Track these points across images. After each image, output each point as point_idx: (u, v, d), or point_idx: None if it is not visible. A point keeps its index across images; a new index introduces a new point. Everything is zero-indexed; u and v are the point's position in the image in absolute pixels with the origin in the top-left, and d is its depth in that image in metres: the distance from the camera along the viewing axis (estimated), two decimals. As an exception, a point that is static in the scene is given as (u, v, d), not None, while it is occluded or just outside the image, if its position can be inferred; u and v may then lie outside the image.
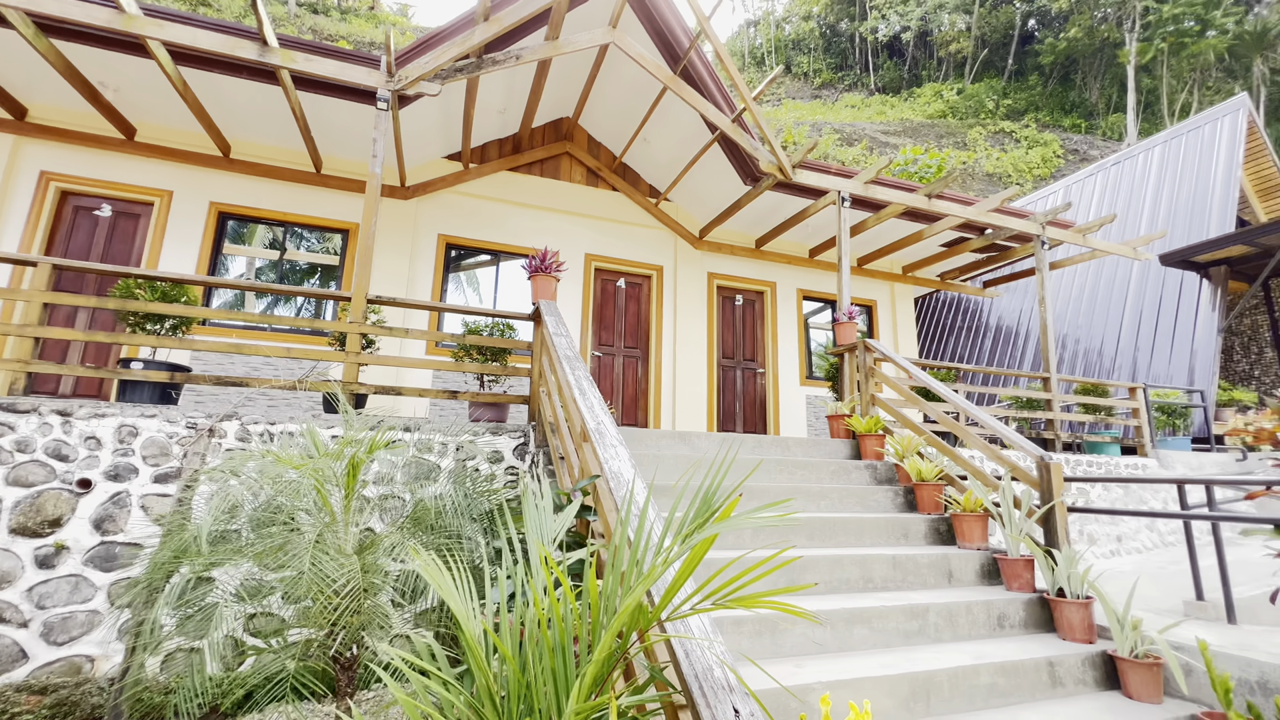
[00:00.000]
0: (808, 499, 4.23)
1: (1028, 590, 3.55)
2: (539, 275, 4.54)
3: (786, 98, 36.25)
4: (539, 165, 7.88)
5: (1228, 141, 10.29)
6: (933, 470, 4.33)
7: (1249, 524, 3.06)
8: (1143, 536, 6.52)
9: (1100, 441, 7.12)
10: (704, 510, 1.41)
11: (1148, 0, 25.49)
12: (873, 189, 6.65)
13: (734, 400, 8.28)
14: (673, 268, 8.20)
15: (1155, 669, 2.87)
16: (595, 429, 2.42)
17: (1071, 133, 28.01)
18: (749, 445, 4.92)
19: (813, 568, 3.34)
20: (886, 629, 3.02)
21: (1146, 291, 9.98)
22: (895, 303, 9.34)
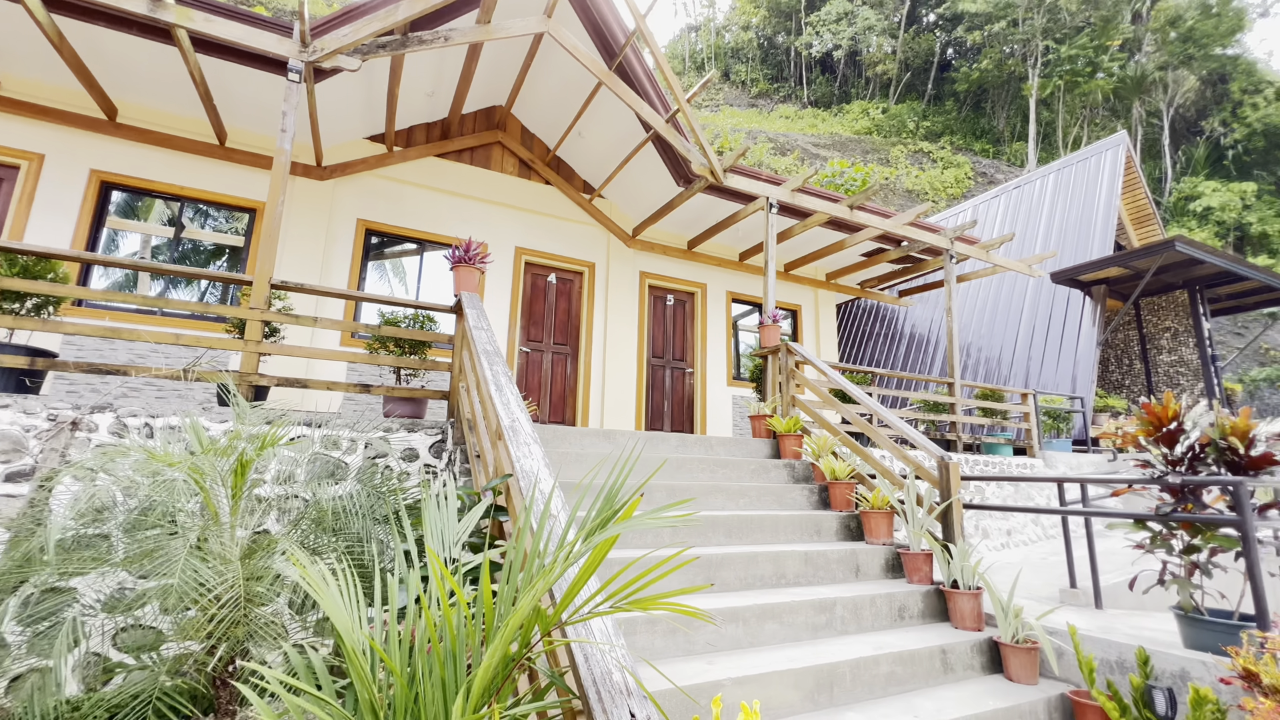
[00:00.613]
0: (727, 497, 4.31)
1: (926, 583, 3.77)
2: (462, 266, 4.37)
3: (725, 104, 37.04)
4: (469, 153, 7.62)
5: (1109, 174, 11.41)
6: (845, 469, 4.52)
7: (1115, 519, 3.38)
8: (1029, 530, 7.10)
9: (996, 443, 7.70)
10: (606, 510, 1.38)
11: (1048, 41, 27.90)
12: (800, 197, 6.88)
13: (662, 399, 8.34)
14: (605, 265, 8.16)
15: (1033, 653, 3.11)
16: (509, 426, 2.34)
17: (981, 156, 30.23)
18: (673, 444, 4.96)
19: (729, 564, 3.40)
20: (796, 623, 3.12)
21: (1039, 306, 10.91)
22: (819, 308, 9.72)
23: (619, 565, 3.03)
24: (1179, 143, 27.01)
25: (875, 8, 34.74)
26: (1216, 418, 2.94)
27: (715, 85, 39.44)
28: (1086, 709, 2.80)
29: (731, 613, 2.93)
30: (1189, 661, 2.73)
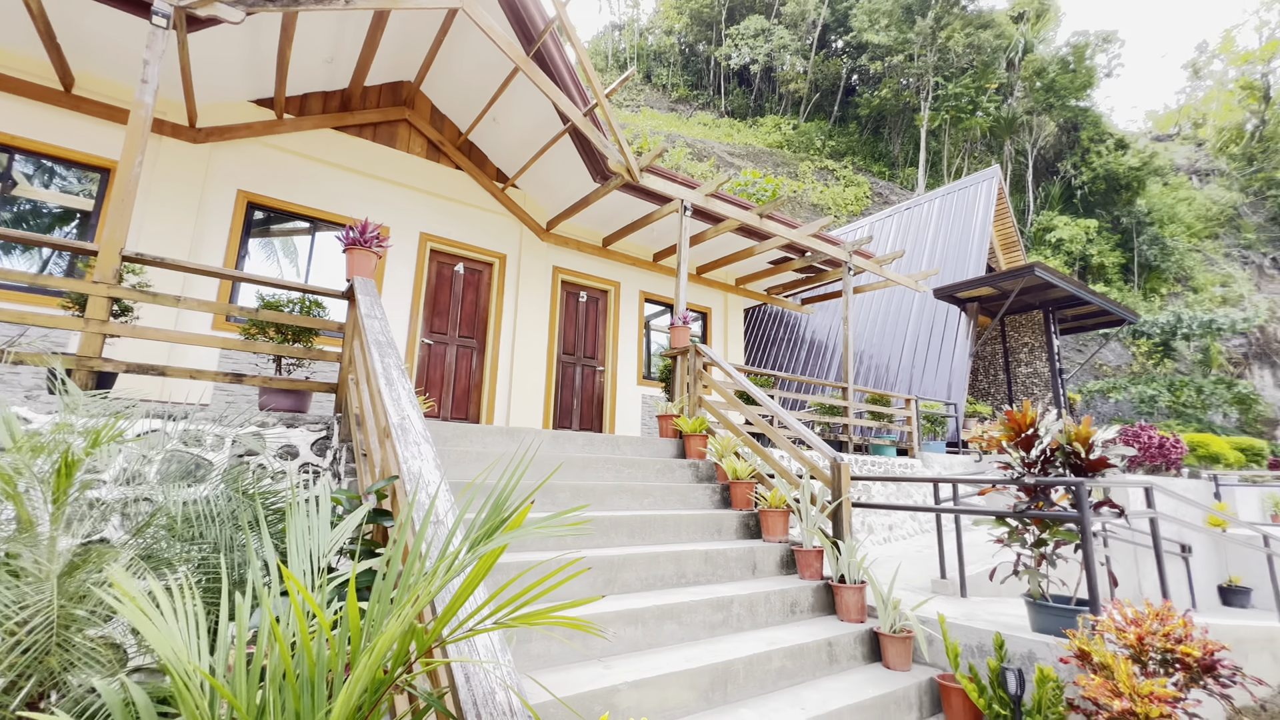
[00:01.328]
0: (632, 496, 4.30)
1: (817, 578, 3.95)
2: (356, 249, 4.04)
3: (645, 106, 37.36)
4: (372, 129, 7.10)
5: (985, 203, 12.66)
6: (746, 469, 4.66)
7: (980, 515, 3.71)
8: (908, 525, 7.70)
9: (882, 444, 8.28)
10: (495, 516, 1.28)
11: (938, 77, 30.58)
12: (713, 202, 7.02)
13: (572, 397, 8.23)
14: (517, 257, 7.91)
15: (907, 641, 3.34)
16: (398, 424, 2.16)
17: (878, 178, 32.58)
18: (580, 443, 4.88)
19: (631, 565, 3.37)
20: (694, 622, 3.14)
21: (923, 319, 11.89)
22: (728, 312, 10.01)
23: (514, 570, 2.91)
24: (1040, 180, 30.56)
25: (790, 28, 36.44)
26: (1064, 425, 3.30)
27: (636, 86, 39.72)
28: (951, 691, 3.04)
29: (631, 615, 2.91)
30: (1035, 644, 3.04)
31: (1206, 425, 18.00)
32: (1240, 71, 35.68)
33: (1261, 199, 31.14)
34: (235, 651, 1.18)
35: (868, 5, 34.17)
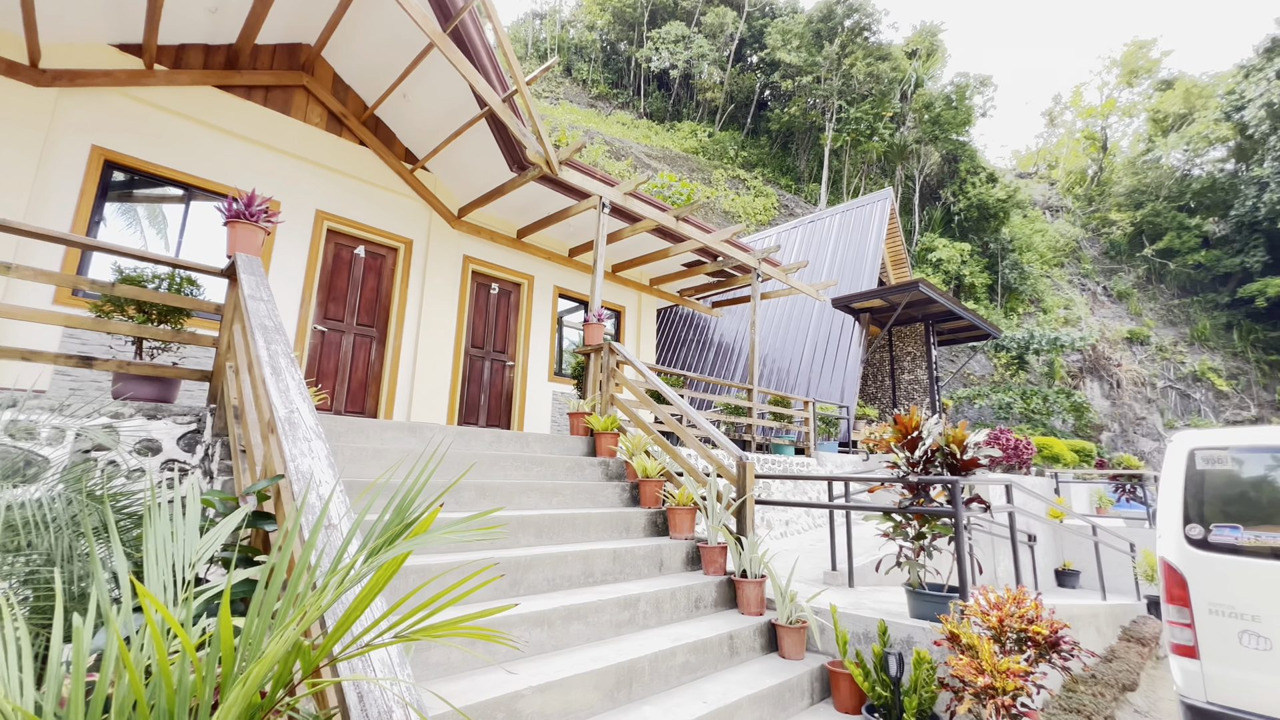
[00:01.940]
0: (541, 495, 4.21)
1: (721, 573, 4.07)
2: (241, 223, 3.64)
3: (565, 99, 36.88)
4: (264, 92, 6.45)
5: (878, 221, 13.69)
6: (656, 467, 4.71)
7: (869, 511, 3.98)
8: (804, 520, 8.15)
9: (781, 444, 8.71)
10: (397, 521, 1.18)
11: (842, 101, 32.70)
12: (631, 201, 7.05)
13: (479, 392, 7.94)
14: (425, 244, 7.51)
15: (802, 631, 3.52)
16: (286, 418, 1.96)
17: (785, 191, 34.28)
18: (487, 440, 4.71)
19: (538, 566, 3.30)
20: (601, 622, 3.13)
21: (821, 326, 12.65)
22: (641, 311, 10.10)
23: (415, 576, 2.75)
24: (924, 204, 33.54)
25: (709, 39, 37.40)
26: (944, 428, 3.62)
27: (556, 79, 39.12)
28: (839, 676, 3.24)
29: (538, 617, 2.84)
30: (914, 629, 3.31)
31: (1050, 429, 20.59)
32: (1085, 123, 41.16)
33: (1098, 235, 36.12)
34: (71, 681, 1.01)
35: (781, 25, 35.86)
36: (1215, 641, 3.14)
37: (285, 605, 1.07)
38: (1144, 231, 34.41)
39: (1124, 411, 26.27)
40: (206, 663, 1.01)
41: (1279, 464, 3.24)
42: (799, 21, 35.62)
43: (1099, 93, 40.70)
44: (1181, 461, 3.47)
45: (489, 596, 3.05)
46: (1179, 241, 32.43)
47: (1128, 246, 34.66)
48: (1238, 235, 31.32)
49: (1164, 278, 33.06)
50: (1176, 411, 26.87)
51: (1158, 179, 35.42)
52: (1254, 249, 30.31)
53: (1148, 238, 34.11)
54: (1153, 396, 27.10)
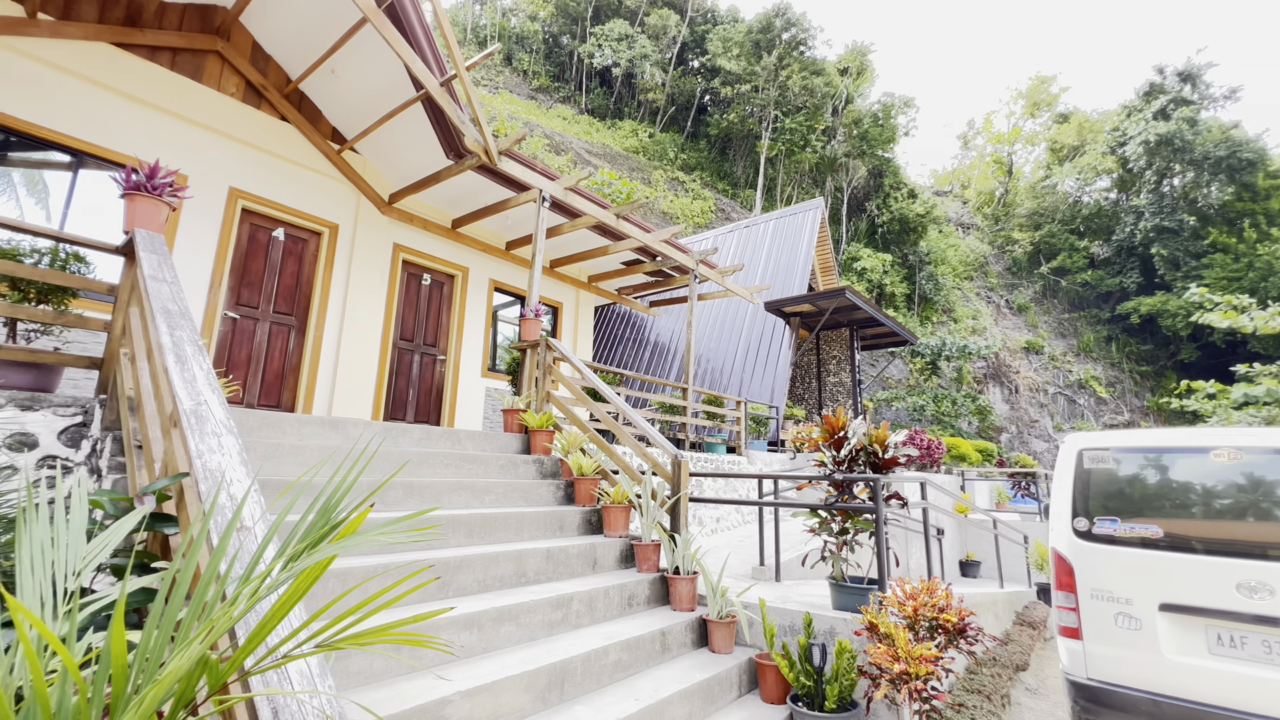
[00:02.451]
0: (472, 494, 4.09)
1: (654, 571, 4.10)
2: (141, 196, 3.31)
3: (505, 89, 36.06)
4: (170, 55, 5.90)
5: (809, 229, 14.24)
6: (591, 465, 4.68)
7: (796, 508, 4.13)
8: (734, 516, 8.36)
9: (714, 442, 8.90)
10: (322, 523, 1.11)
11: (778, 111, 33.78)
12: (572, 196, 6.97)
13: (408, 386, 7.62)
14: (351, 229, 7.12)
15: (731, 626, 3.61)
16: (192, 410, 1.80)
17: (722, 195, 35.04)
18: (415, 437, 4.53)
19: (469, 566, 3.20)
20: (533, 623, 3.08)
21: (754, 328, 13.02)
22: (579, 308, 10.02)
23: (338, 582, 2.60)
24: (851, 215, 35.23)
25: (652, 40, 37.63)
26: (867, 429, 3.81)
27: (496, 67, 38.18)
28: (766, 668, 3.34)
29: (468, 619, 2.76)
30: (836, 620, 3.46)
31: (957, 430, 22.16)
32: (994, 148, 44.56)
33: (1003, 252, 39.20)
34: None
35: (723, 33, 36.59)
36: (1095, 624, 3.47)
37: (190, 616, 0.98)
38: (1041, 251, 37.70)
39: (1021, 415, 28.67)
40: (94, 683, 0.91)
41: (1149, 463, 3.64)
42: (739, 30, 36.48)
43: (1007, 121, 44.20)
44: (1072, 461, 3.82)
45: (418, 599, 2.93)
46: (1070, 261, 35.76)
47: (1027, 264, 37.84)
48: (1118, 258, 34.89)
49: (1057, 293, 36.34)
50: (1064, 415, 29.62)
51: (1054, 203, 38.91)
52: (1131, 271, 33.87)
53: (1044, 256, 37.40)
54: (1045, 401, 29.73)
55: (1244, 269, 29.22)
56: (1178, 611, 3.27)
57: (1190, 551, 3.31)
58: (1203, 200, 33.03)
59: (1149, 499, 3.55)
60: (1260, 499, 3.25)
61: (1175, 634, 3.27)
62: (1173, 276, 31.58)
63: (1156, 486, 3.56)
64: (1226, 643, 3.13)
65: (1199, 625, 3.22)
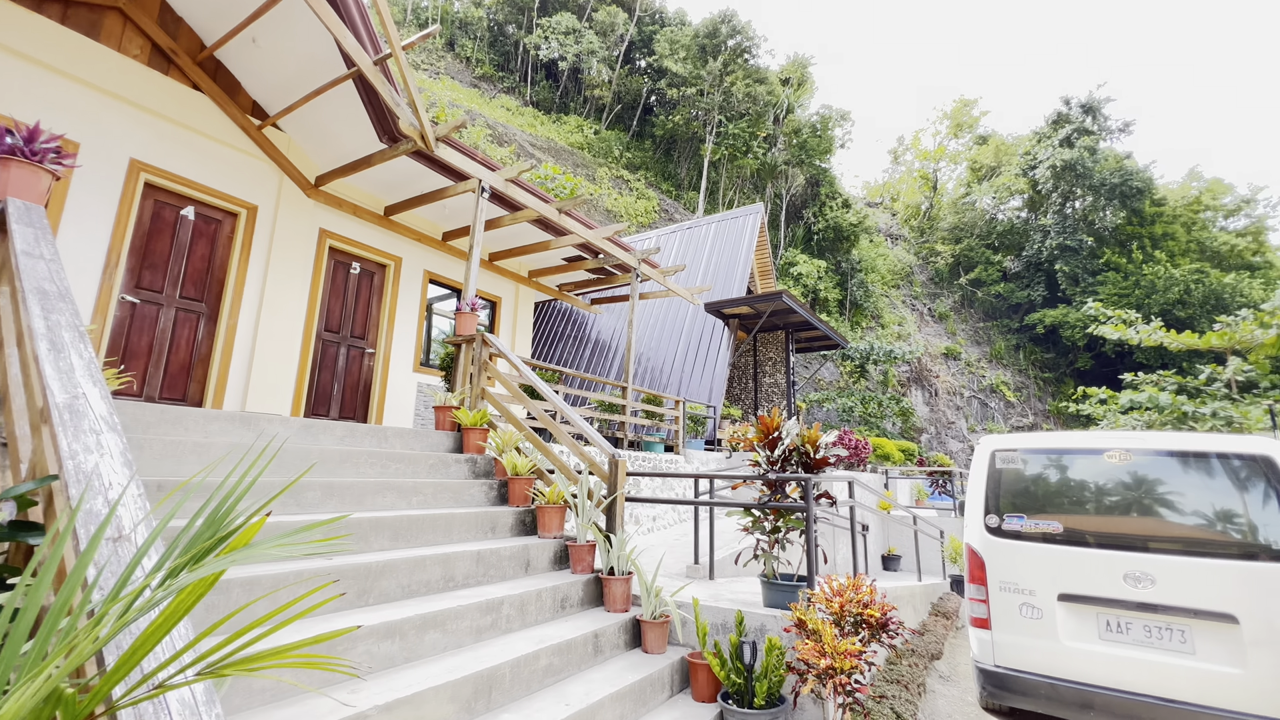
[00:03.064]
0: (399, 495, 3.90)
1: (589, 572, 4.04)
2: (15, 162, 2.93)
3: (446, 75, 34.91)
4: (61, 7, 5.30)
5: (749, 233, 14.56)
6: (527, 465, 4.57)
7: (731, 507, 4.18)
8: (670, 515, 8.42)
9: (653, 441, 8.93)
10: (211, 532, 0.99)
11: (722, 116, 34.38)
12: (513, 189, 6.80)
13: (332, 381, 7.21)
14: (273, 211, 6.65)
15: (664, 626, 3.60)
16: (66, 404, 1.59)
17: (666, 196, 35.32)
18: (338, 434, 4.28)
19: (392, 571, 3.04)
20: (460, 629, 2.96)
21: (694, 328, 13.18)
22: (519, 303, 9.81)
23: (241, 591, 2.40)
24: (789, 221, 36.37)
25: (600, 35, 37.41)
26: (800, 429, 3.90)
27: (437, 52, 36.90)
28: (698, 667, 3.35)
29: (389, 628, 2.61)
30: (767, 617, 3.53)
31: (882, 431, 23.31)
32: (922, 165, 47.17)
33: (927, 263, 41.57)
34: None
35: (670, 35, 36.86)
36: (1003, 614, 3.71)
37: (40, 642, 0.85)
38: (961, 263, 40.26)
39: (939, 416, 30.50)
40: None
41: (1051, 464, 3.92)
42: (686, 34, 36.85)
43: (933, 139, 46.89)
44: (985, 461, 4.06)
45: (335, 609, 2.75)
46: (985, 274, 38.37)
47: (948, 275, 40.31)
48: (1027, 272, 37.73)
49: (974, 303, 38.91)
50: (977, 418, 31.75)
51: (973, 219, 41.63)
52: (1037, 284, 36.72)
53: (963, 268, 39.96)
54: (961, 404, 31.77)
55: (1132, 286, 32.29)
56: (1074, 601, 3.54)
57: (1085, 545, 3.58)
58: (1099, 222, 36.27)
59: (1051, 497, 3.82)
60: (1143, 496, 3.56)
61: (1071, 622, 3.53)
62: (1073, 291, 34.47)
63: (1058, 485, 3.84)
64: (1114, 628, 3.41)
65: (1091, 613, 3.49)
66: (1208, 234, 35.36)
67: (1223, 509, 3.34)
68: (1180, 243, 35.34)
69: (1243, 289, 29.88)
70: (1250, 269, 33.58)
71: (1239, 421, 10.89)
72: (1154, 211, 36.01)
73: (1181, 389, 13.87)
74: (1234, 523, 3.30)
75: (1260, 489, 3.28)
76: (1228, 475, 3.36)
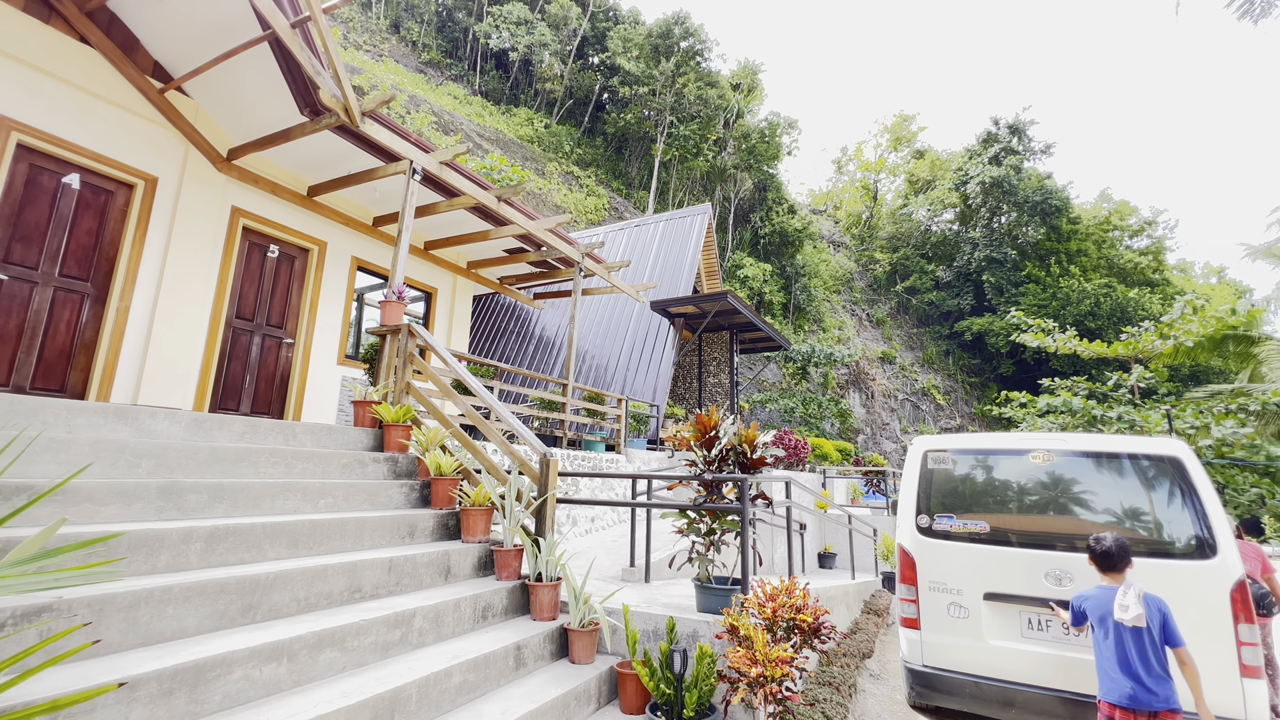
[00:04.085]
0: (304, 497, 3.55)
1: (515, 578, 3.80)
2: None
3: (389, 57, 33.50)
4: (-87, -64, 4.59)
5: (697, 233, 14.57)
6: (452, 464, 4.29)
7: (665, 508, 4.04)
8: (609, 516, 8.23)
9: (594, 440, 8.73)
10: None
11: (673, 117, 34.50)
12: (448, 173, 6.44)
13: (244, 372, 6.63)
14: (176, 184, 6.03)
15: (594, 634, 3.42)
16: None
17: (616, 194, 35.11)
18: (237, 430, 3.87)
19: (285, 584, 2.72)
20: (363, 645, 2.67)
21: (639, 327, 13.06)
22: (456, 295, 9.38)
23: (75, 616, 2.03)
24: (737, 225, 36.89)
25: (553, 28, 36.81)
26: (738, 428, 3.80)
27: (381, 33, 35.40)
28: (627, 677, 3.19)
29: (274, 649, 2.31)
30: (700, 623, 3.40)
31: (821, 431, 23.94)
32: (863, 175, 48.92)
33: (866, 270, 43.14)
34: None
35: (623, 32, 36.68)
36: (931, 614, 3.73)
37: None
38: (897, 271, 41.99)
39: (875, 418, 31.67)
40: None
41: (979, 464, 3.98)
42: (640, 33, 36.78)
43: (875, 152, 48.71)
44: (918, 461, 4.09)
45: (215, 627, 2.42)
46: (920, 282, 40.17)
47: (886, 282, 41.96)
48: (957, 282, 39.74)
49: (909, 310, 40.66)
50: (910, 420, 33.17)
51: (909, 230, 43.52)
52: (966, 294, 38.73)
53: (900, 276, 41.70)
54: (895, 407, 33.10)
55: (1049, 298, 34.55)
56: (998, 600, 3.59)
57: (1010, 544, 3.64)
58: (1023, 237, 38.64)
59: (979, 496, 3.88)
60: (1062, 495, 3.65)
61: (995, 620, 3.58)
62: (998, 301, 36.56)
63: (985, 485, 3.90)
64: (1036, 626, 3.48)
65: (1014, 611, 3.55)
66: (1115, 252, 38.28)
67: (1133, 507, 3.46)
68: (1092, 259, 38.09)
69: (1144, 303, 32.50)
70: (1151, 285, 36.57)
71: (1140, 425, 11.73)
72: (1070, 229, 38.67)
73: (1092, 394, 14.87)
74: (1142, 520, 3.42)
75: (1166, 488, 3.41)
76: (1138, 475, 3.48)
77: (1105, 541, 2.87)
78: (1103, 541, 2.88)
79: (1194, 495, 3.28)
